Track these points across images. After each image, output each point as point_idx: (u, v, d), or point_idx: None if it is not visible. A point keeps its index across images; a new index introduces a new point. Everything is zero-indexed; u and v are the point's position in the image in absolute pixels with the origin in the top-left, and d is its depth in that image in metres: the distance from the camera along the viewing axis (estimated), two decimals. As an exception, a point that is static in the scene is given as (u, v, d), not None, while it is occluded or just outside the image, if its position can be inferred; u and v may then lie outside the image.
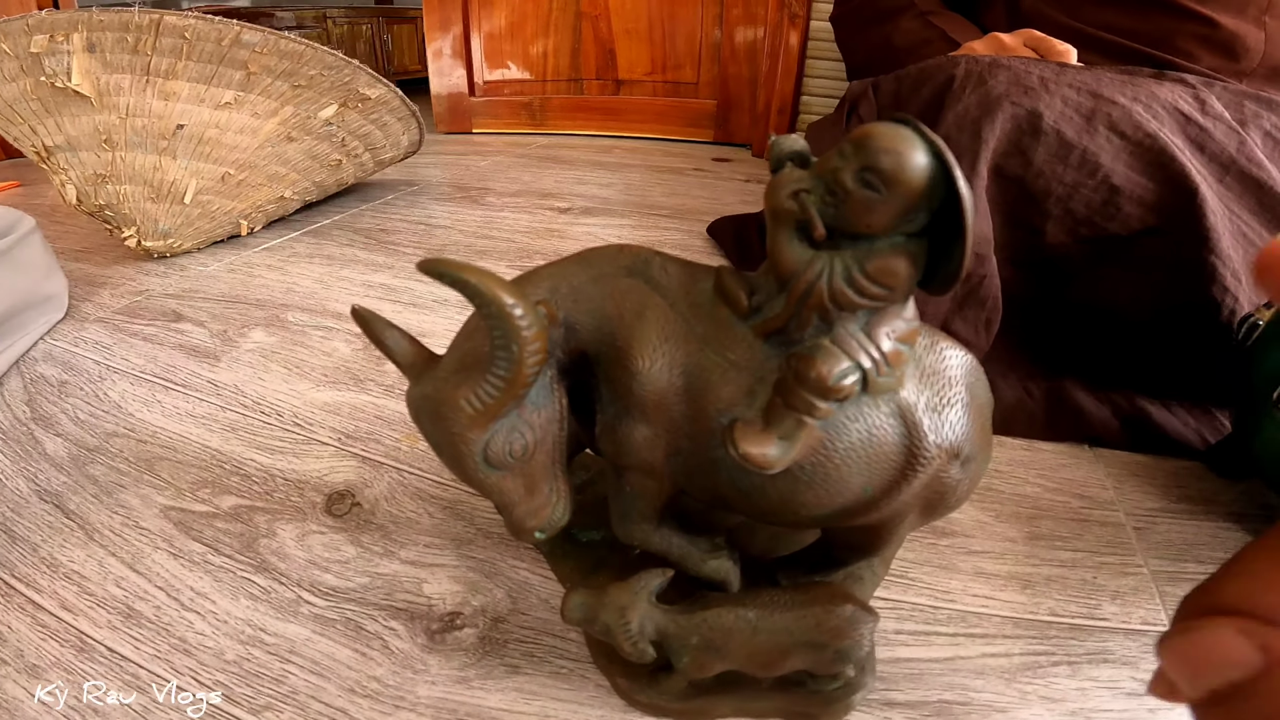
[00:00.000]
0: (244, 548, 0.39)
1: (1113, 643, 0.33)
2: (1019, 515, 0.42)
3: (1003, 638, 0.34)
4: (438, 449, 0.25)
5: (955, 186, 0.19)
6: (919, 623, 0.35)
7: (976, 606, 0.35)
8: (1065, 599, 0.36)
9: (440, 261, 0.21)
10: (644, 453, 0.26)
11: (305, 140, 0.84)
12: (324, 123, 0.84)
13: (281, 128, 0.81)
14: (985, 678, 0.32)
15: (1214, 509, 0.43)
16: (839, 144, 0.20)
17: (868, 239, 0.21)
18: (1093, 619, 0.35)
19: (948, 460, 0.24)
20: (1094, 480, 0.45)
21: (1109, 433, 0.48)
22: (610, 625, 0.27)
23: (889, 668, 0.32)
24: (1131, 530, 0.41)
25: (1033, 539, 0.40)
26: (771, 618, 0.27)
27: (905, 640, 0.34)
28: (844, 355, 0.22)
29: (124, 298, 0.67)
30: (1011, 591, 0.36)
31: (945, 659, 0.32)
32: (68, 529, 0.40)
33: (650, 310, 0.25)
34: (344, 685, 0.31)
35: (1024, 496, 0.44)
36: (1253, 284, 0.46)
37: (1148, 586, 0.37)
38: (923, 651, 0.33)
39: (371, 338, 0.27)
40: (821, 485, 0.24)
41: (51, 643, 0.33)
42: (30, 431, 0.48)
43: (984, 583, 0.37)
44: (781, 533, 0.37)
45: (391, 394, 0.53)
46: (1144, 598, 0.36)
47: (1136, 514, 0.42)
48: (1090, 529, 0.41)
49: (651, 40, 1.36)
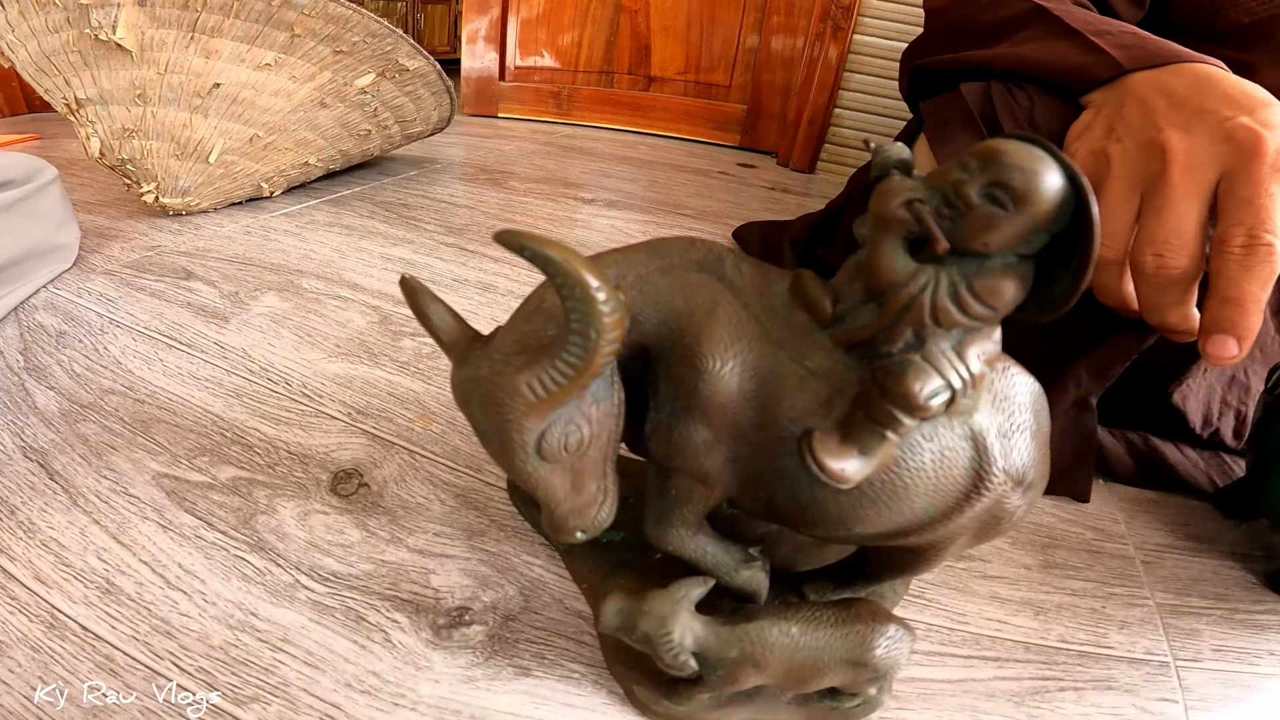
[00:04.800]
0: (240, 524, 0.35)
1: (1117, 671, 0.33)
2: (1034, 543, 0.42)
3: (1014, 661, 0.33)
4: (485, 436, 0.23)
5: (1087, 212, 0.18)
6: (934, 643, 0.34)
7: (990, 630, 0.35)
8: (1074, 626, 0.36)
9: (520, 233, 0.18)
10: (702, 457, 0.24)
11: (338, 107, 0.81)
12: (359, 91, 0.81)
13: (317, 93, 0.78)
14: (995, 700, 0.31)
15: (1218, 547, 0.43)
16: (960, 157, 0.19)
17: (978, 257, 0.19)
18: (1100, 647, 0.34)
19: (1012, 487, 0.23)
20: (1106, 514, 0.45)
21: (1124, 470, 0.48)
22: (651, 635, 0.25)
23: (903, 686, 0.31)
24: (1140, 564, 0.41)
25: (1046, 567, 0.40)
26: (815, 633, 0.25)
27: (919, 660, 0.33)
28: (936, 373, 0.20)
29: (135, 252, 0.63)
30: (1024, 617, 0.36)
31: (958, 680, 0.32)
32: (50, 491, 0.36)
33: (722, 308, 0.23)
34: (340, 679, 0.28)
35: (1040, 525, 0.43)
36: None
37: (1153, 618, 0.37)
38: (936, 672, 0.32)
39: (415, 310, 0.24)
40: (886, 503, 0.22)
41: (19, 617, 0.29)
42: (21, 382, 0.44)
43: (998, 607, 0.36)
44: (807, 544, 0.35)
45: (406, 371, 0.49)
46: (1149, 629, 0.36)
47: (1145, 548, 0.42)
48: (1101, 560, 0.41)
49: (688, 39, 1.31)
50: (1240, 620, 0.37)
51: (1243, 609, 0.38)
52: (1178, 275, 0.34)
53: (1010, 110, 0.46)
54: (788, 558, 0.34)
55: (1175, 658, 0.34)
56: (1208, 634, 0.36)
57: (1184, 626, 0.36)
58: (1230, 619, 0.37)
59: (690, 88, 1.36)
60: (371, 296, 0.59)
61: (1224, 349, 0.33)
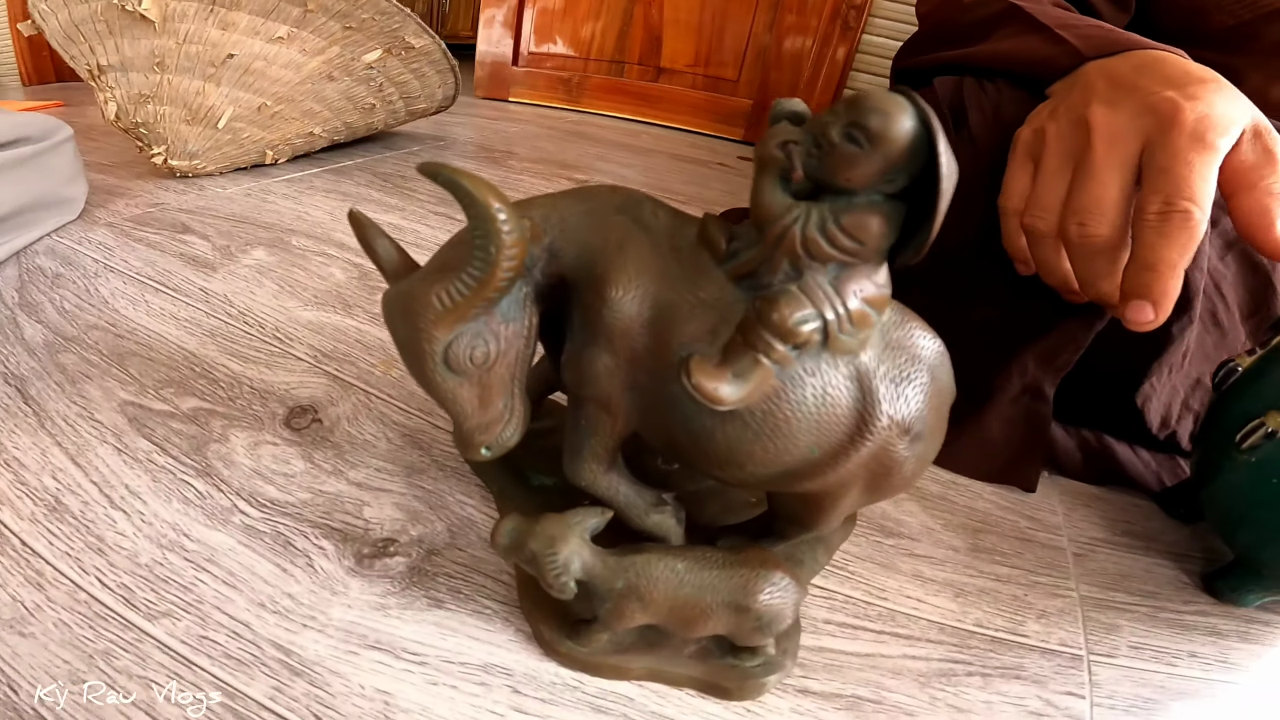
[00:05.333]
0: (192, 450, 0.34)
1: (1028, 660, 0.31)
2: (966, 526, 0.39)
3: (926, 641, 0.31)
4: (401, 348, 0.24)
5: (936, 154, 0.18)
6: (848, 615, 0.32)
7: (907, 608, 0.33)
8: (993, 612, 0.33)
9: (439, 164, 0.20)
10: (603, 382, 0.24)
11: (344, 81, 0.80)
12: (366, 66, 0.80)
13: (325, 66, 0.76)
14: (901, 678, 0.29)
15: (1154, 546, 0.40)
16: (832, 106, 0.20)
17: (847, 194, 0.19)
18: (1014, 635, 0.32)
19: (898, 434, 0.22)
20: (1046, 505, 0.42)
21: (1071, 464, 0.45)
22: (537, 554, 0.23)
23: (811, 655, 0.29)
24: (1071, 555, 0.38)
25: (975, 550, 0.37)
26: (700, 573, 0.24)
27: (832, 631, 0.31)
28: (808, 302, 0.20)
29: (138, 208, 0.62)
30: (944, 598, 0.34)
31: (866, 655, 0.30)
32: (22, 414, 0.35)
33: (631, 245, 0.23)
34: (255, 599, 0.27)
35: (975, 510, 0.41)
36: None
37: (1073, 610, 0.34)
38: (846, 644, 0.30)
39: (362, 242, 0.25)
40: (770, 437, 0.22)
41: (-39, 527, 0.28)
42: (13, 316, 0.43)
43: (919, 586, 0.34)
44: (732, 505, 0.34)
45: (377, 321, 0.48)
46: (1067, 620, 0.34)
47: (1079, 541, 0.40)
48: (1031, 549, 0.38)
49: (700, 33, 1.28)
50: (1165, 619, 0.34)
51: (1170, 608, 0.35)
52: (1100, 244, 0.32)
53: (978, 102, 0.44)
54: (713, 515, 0.33)
55: (1090, 652, 0.32)
56: (1128, 630, 0.33)
57: (1105, 621, 0.34)
58: (1154, 617, 0.35)
59: (698, 80, 1.32)
60: (355, 255, 0.58)
61: (1141, 314, 0.31)
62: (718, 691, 0.27)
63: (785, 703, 0.27)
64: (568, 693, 0.26)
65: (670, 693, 0.27)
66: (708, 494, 0.34)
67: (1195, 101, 0.31)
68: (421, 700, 0.25)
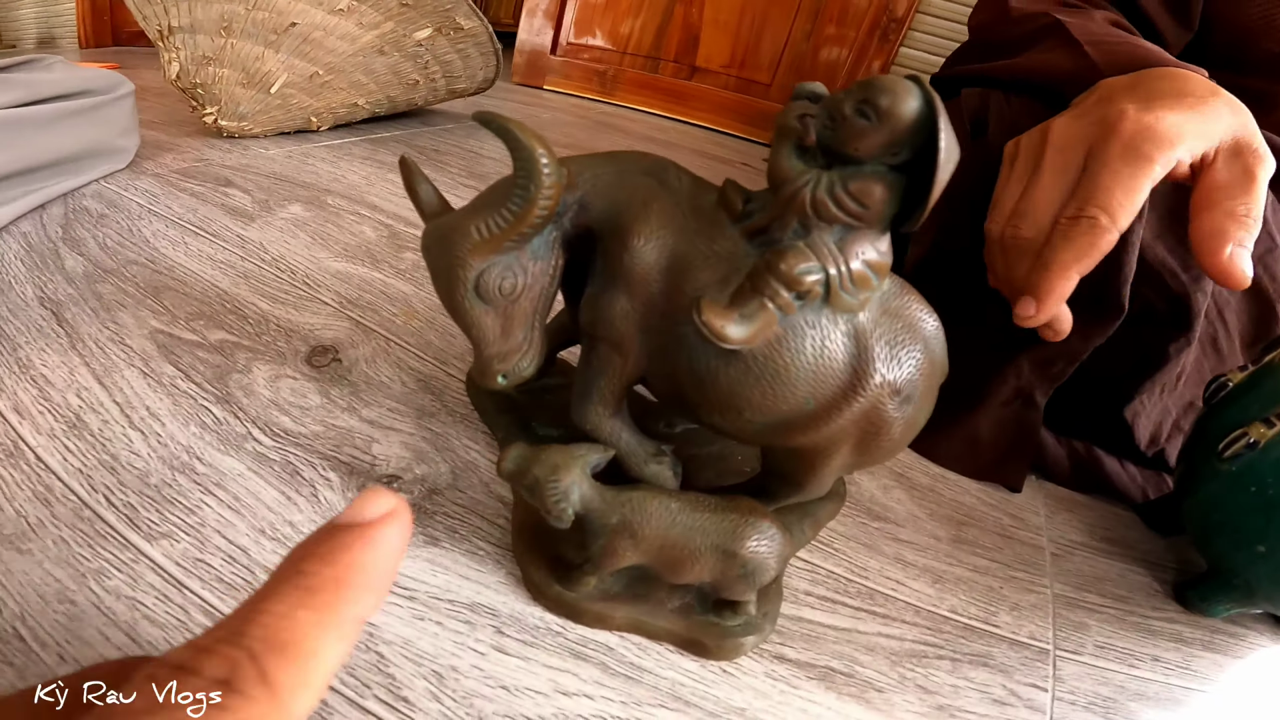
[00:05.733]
0: (215, 378, 0.34)
1: (997, 650, 0.31)
2: (951, 519, 0.39)
3: (901, 622, 0.31)
4: (435, 275, 0.24)
5: (936, 132, 0.18)
6: (829, 589, 0.31)
7: (886, 588, 0.32)
8: (968, 600, 0.33)
9: (491, 113, 0.22)
10: (619, 322, 0.24)
11: (394, 56, 0.79)
12: (415, 43, 0.80)
13: (378, 40, 0.76)
14: (874, 654, 0.29)
15: (1130, 553, 0.40)
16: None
17: (855, 163, 0.20)
18: (986, 624, 0.32)
19: (889, 394, 0.22)
20: (1030, 506, 0.42)
21: (1059, 472, 0.44)
22: (540, 479, 0.23)
23: (789, 624, 0.29)
24: (1049, 555, 0.38)
25: (956, 541, 0.37)
26: (692, 514, 0.23)
27: (813, 603, 0.30)
28: (813, 256, 0.21)
29: (184, 162, 0.62)
30: (922, 583, 0.33)
31: (843, 629, 0.30)
32: (54, 335, 0.35)
33: (656, 202, 0.24)
34: (256, 525, 0.26)
35: (960, 504, 0.40)
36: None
37: (1045, 606, 0.34)
38: (825, 617, 0.30)
39: (407, 184, 0.26)
40: (769, 382, 0.22)
41: (-19, 440, 0.28)
42: (56, 248, 0.43)
43: (900, 569, 0.34)
44: (726, 472, 0.33)
45: (402, 277, 0.47)
46: (1038, 615, 0.33)
47: (1059, 542, 0.39)
48: (1011, 545, 0.38)
49: (737, 35, 1.25)
50: (1133, 623, 0.34)
51: (1139, 612, 0.35)
52: (1024, 245, 0.32)
53: (1000, 114, 0.43)
54: (709, 479, 0.33)
55: (1057, 647, 0.31)
56: (1096, 630, 0.33)
57: (1074, 619, 0.33)
58: (1123, 620, 0.34)
59: (732, 81, 1.29)
60: (387, 217, 0.57)
61: (1024, 308, 0.31)
62: (696, 648, 0.26)
63: (760, 666, 0.27)
64: (550, 637, 0.25)
65: (650, 646, 0.26)
66: (706, 459, 0.33)
67: (1146, 113, 0.29)
68: (406, 634, 0.24)
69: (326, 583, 0.11)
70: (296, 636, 0.11)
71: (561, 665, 0.25)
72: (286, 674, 0.10)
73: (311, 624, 0.11)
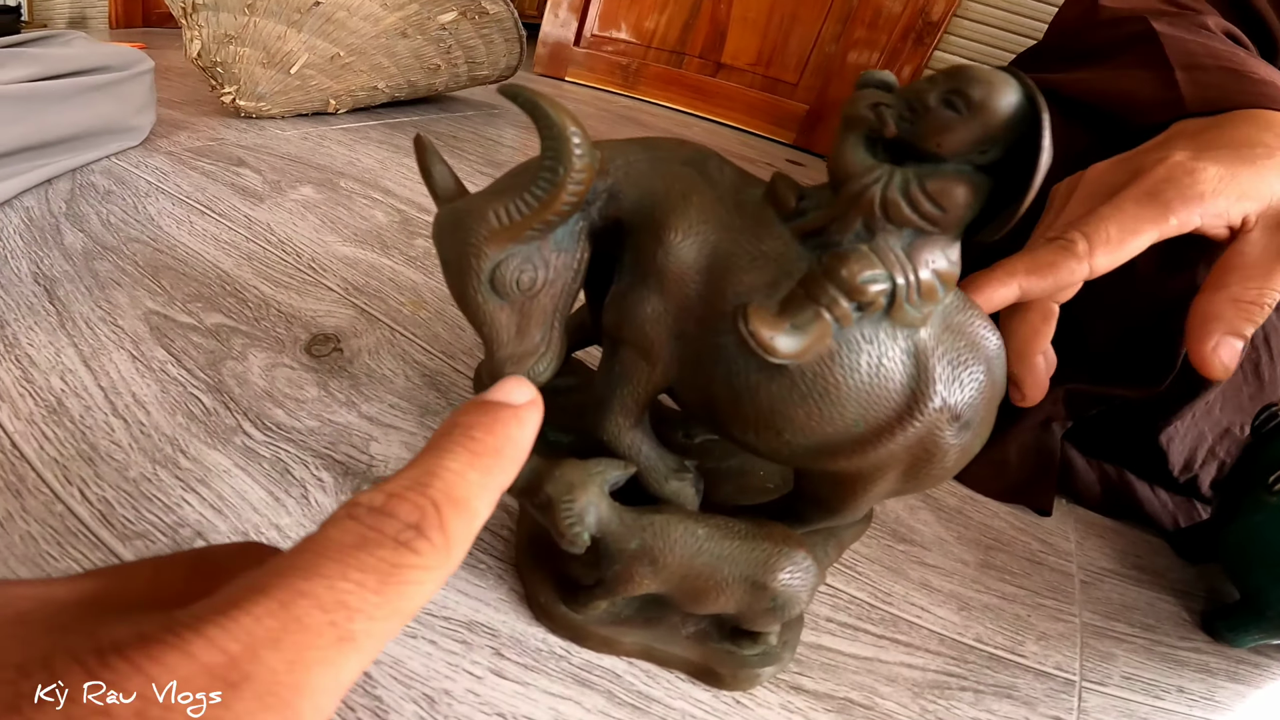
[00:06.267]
0: (208, 365, 0.31)
1: (1022, 681, 0.29)
2: (979, 542, 0.37)
3: (925, 651, 0.29)
4: (446, 265, 0.21)
5: (1040, 131, 0.16)
6: (851, 615, 0.29)
7: (911, 615, 0.30)
8: (994, 629, 0.31)
9: (519, 85, 0.19)
10: (648, 326, 0.21)
11: (416, 39, 0.77)
12: (439, 26, 0.77)
13: (401, 22, 0.74)
14: (895, 685, 0.27)
15: (1160, 581, 0.38)
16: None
17: (934, 160, 0.17)
18: (1012, 654, 0.30)
19: (948, 419, 0.20)
20: (1059, 530, 0.40)
21: (1090, 496, 0.42)
22: (553, 500, 0.20)
23: (809, 652, 0.27)
24: (1078, 582, 0.36)
25: (984, 566, 0.35)
26: (720, 542, 0.21)
27: (833, 630, 0.28)
28: (879, 263, 0.18)
29: (199, 141, 0.60)
30: (948, 610, 0.31)
31: (865, 658, 0.28)
32: (45, 313, 0.33)
33: (696, 195, 0.21)
34: (239, 528, 0.24)
35: (989, 527, 0.38)
36: None
37: (1073, 635, 0.32)
38: (846, 645, 0.28)
39: (421, 165, 0.23)
40: (816, 401, 0.19)
41: (-45, 420, 0.26)
42: (57, 224, 0.41)
43: (925, 595, 0.32)
44: (748, 487, 0.31)
45: (412, 264, 0.45)
46: (1066, 645, 0.31)
47: (1088, 569, 0.37)
48: (1040, 571, 0.36)
49: (765, 33, 1.21)
50: (1160, 653, 0.32)
51: (1166, 642, 0.33)
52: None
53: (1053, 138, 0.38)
54: (728, 495, 0.30)
55: (1084, 678, 0.29)
56: (1123, 660, 0.31)
57: (1102, 649, 0.31)
58: (1151, 650, 0.32)
59: (757, 80, 1.25)
60: (400, 202, 0.55)
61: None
62: (710, 677, 0.24)
63: (776, 697, 0.24)
64: (553, 661, 0.23)
65: (660, 673, 0.24)
66: (725, 473, 0.30)
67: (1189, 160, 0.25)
68: (396, 653, 0.21)
69: (490, 449, 0.12)
70: (468, 494, 0.12)
71: (564, 692, 0.22)
72: (458, 527, 0.11)
73: (479, 485, 0.12)
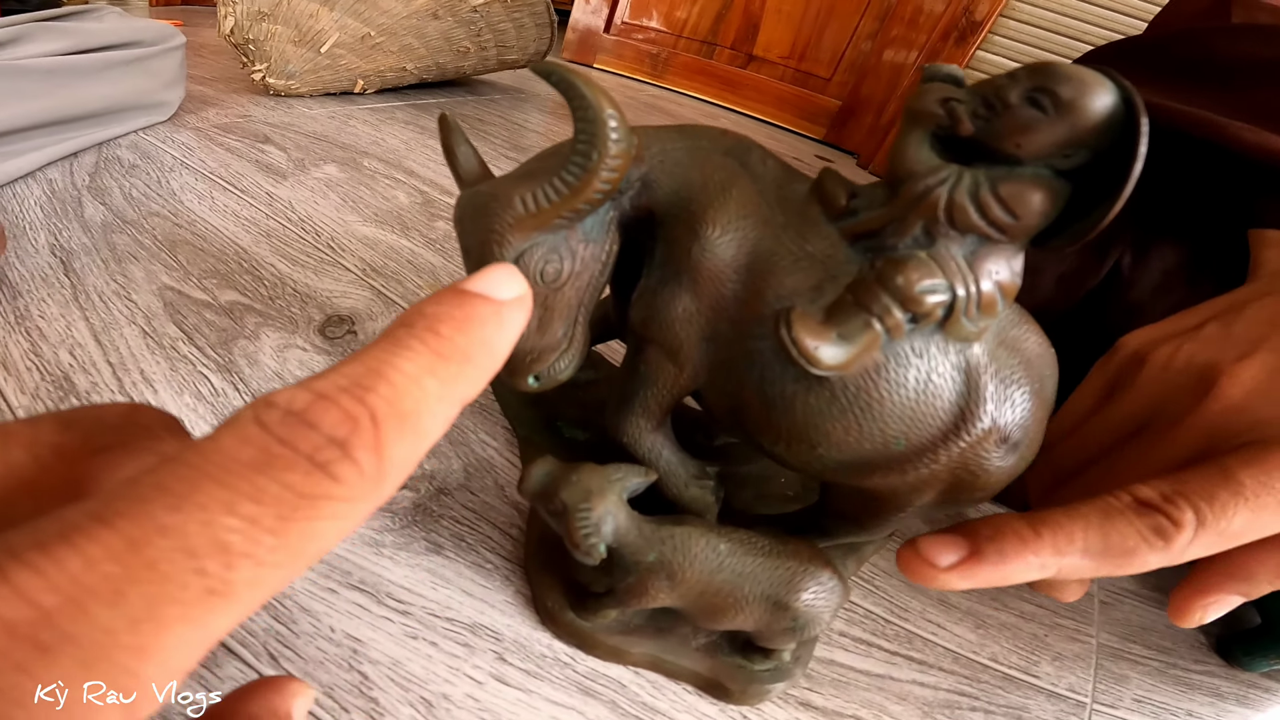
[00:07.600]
0: (219, 343, 0.30)
1: (1033, 702, 0.28)
2: None
3: (938, 669, 0.27)
4: (467, 251, 0.20)
5: (1137, 136, 0.14)
6: (865, 631, 0.28)
7: (926, 631, 0.29)
8: (1010, 648, 0.30)
9: (554, 63, 0.17)
10: (678, 326, 0.20)
11: (447, 21, 0.75)
12: (471, 9, 0.76)
13: (433, 3, 0.72)
14: (905, 704, 0.26)
15: None
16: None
17: (1009, 163, 0.15)
18: (1026, 674, 0.29)
19: (995, 441, 0.18)
20: None
21: None
22: (569, 507, 0.18)
23: (820, 667, 0.26)
24: (1097, 603, 0.34)
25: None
26: (744, 558, 0.19)
27: (846, 645, 0.27)
28: (939, 272, 0.16)
29: (226, 117, 0.59)
30: (965, 627, 0.30)
31: (876, 675, 0.26)
32: (59, 285, 0.32)
33: (737, 188, 0.19)
34: (238, 511, 0.22)
35: None
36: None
37: (1089, 656, 0.31)
38: (858, 661, 0.27)
39: (445, 145, 0.22)
40: (857, 417, 0.17)
41: (-43, 389, 0.25)
42: (79, 196, 0.40)
43: (943, 611, 0.30)
44: (768, 494, 0.29)
45: (432, 247, 0.43)
46: (1080, 666, 0.30)
47: (1109, 589, 0.35)
48: None
49: (800, 27, 1.16)
50: (1174, 676, 0.30)
51: (1180, 665, 0.31)
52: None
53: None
54: (746, 502, 0.28)
55: (1095, 701, 0.28)
56: (1136, 682, 0.29)
57: (1116, 671, 0.30)
58: (1164, 673, 0.30)
59: (789, 73, 1.21)
60: (423, 183, 0.53)
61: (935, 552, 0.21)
62: (718, 691, 0.22)
63: (784, 713, 0.23)
64: (557, 668, 0.21)
65: (667, 685, 0.22)
66: (745, 478, 0.29)
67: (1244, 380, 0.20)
68: (395, 653, 0.20)
69: (457, 352, 0.10)
70: (419, 407, 0.09)
71: (567, 701, 0.21)
72: (398, 450, 0.08)
73: (435, 398, 0.09)
